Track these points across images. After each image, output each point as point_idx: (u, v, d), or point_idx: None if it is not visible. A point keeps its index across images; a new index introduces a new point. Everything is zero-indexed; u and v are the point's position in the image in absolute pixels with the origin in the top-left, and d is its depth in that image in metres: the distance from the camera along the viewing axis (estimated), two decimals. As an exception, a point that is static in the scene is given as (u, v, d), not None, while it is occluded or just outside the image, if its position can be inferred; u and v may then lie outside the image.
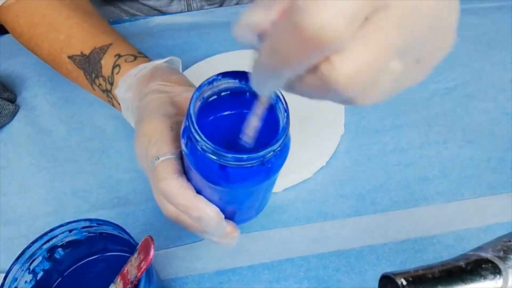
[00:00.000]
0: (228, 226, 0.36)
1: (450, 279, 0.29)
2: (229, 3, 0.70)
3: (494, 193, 0.49)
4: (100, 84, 0.46)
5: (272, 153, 0.30)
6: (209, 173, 0.31)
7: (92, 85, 0.47)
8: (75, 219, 0.39)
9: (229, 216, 0.36)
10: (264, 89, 0.25)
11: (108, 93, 0.46)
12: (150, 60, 0.46)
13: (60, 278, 0.43)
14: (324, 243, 0.46)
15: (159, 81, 0.41)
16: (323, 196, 0.50)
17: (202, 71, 0.60)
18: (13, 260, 0.38)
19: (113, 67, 0.45)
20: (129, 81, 0.43)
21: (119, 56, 0.46)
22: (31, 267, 0.39)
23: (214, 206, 0.34)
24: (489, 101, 0.56)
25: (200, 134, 0.29)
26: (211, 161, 0.30)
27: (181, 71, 0.45)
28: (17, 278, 0.38)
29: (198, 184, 0.34)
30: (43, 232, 0.39)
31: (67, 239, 0.40)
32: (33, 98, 0.59)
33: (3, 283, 0.36)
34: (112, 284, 0.37)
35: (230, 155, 0.29)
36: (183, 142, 0.32)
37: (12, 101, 0.58)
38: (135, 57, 0.45)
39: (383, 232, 0.47)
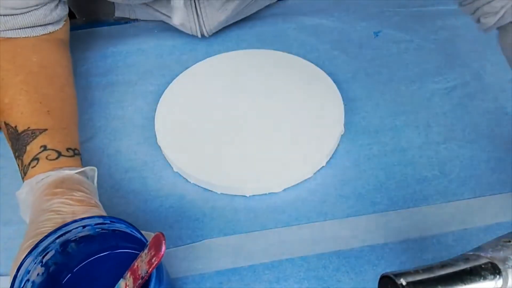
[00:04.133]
0: None
1: (450, 279, 0.29)
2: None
3: (494, 193, 0.49)
4: (18, 165, 0.46)
5: None
6: None
7: (15, 159, 0.47)
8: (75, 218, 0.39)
9: None
10: None
11: (22, 179, 0.45)
12: (78, 158, 0.46)
13: (71, 272, 0.43)
14: (324, 243, 0.46)
15: (62, 198, 0.40)
16: (323, 196, 0.50)
17: (202, 71, 0.60)
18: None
19: (33, 159, 0.44)
20: (32, 186, 0.42)
21: (44, 148, 0.45)
22: (44, 260, 0.39)
23: None
24: (489, 101, 0.56)
25: None
26: None
27: (95, 182, 0.45)
28: (29, 271, 0.38)
29: None
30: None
31: (80, 234, 0.40)
32: (33, 98, 0.59)
33: (15, 275, 0.36)
34: (121, 279, 0.37)
35: None
36: None
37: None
38: (59, 155, 0.45)
39: (383, 232, 0.47)
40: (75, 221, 0.39)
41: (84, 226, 0.39)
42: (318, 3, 0.68)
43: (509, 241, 0.31)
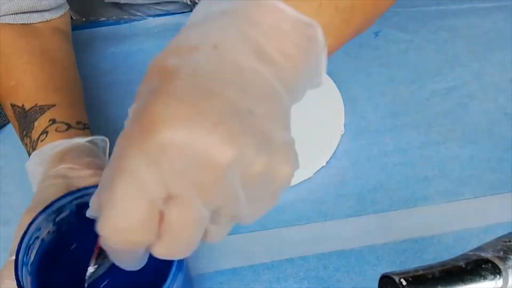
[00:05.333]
0: None
1: (450, 279, 0.29)
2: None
3: (494, 193, 0.49)
4: (26, 144, 0.45)
5: None
6: None
7: (22, 141, 0.46)
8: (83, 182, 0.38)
9: None
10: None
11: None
12: (88, 131, 0.45)
13: (84, 236, 0.38)
14: (324, 243, 0.46)
15: (68, 163, 0.39)
16: (323, 196, 0.50)
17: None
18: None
19: (41, 133, 0.43)
20: (42, 157, 0.41)
21: (53, 121, 0.44)
22: (57, 219, 0.37)
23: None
24: (489, 101, 0.56)
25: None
26: None
27: (106, 151, 0.44)
28: (40, 228, 0.35)
29: None
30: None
31: None
32: (33, 98, 0.59)
33: (26, 231, 0.34)
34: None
35: None
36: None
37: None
38: (69, 127, 0.44)
39: (383, 232, 0.47)
40: (96, 186, 0.36)
41: None
42: (318, 3, 0.68)
43: (509, 241, 0.31)
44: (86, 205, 0.36)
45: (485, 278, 0.29)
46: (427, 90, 0.57)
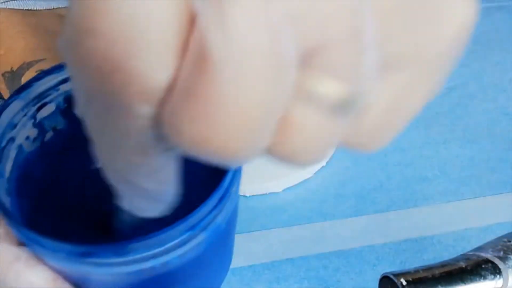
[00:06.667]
0: None
1: (450, 279, 0.29)
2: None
3: (494, 193, 0.49)
4: None
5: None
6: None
7: None
8: None
9: None
10: None
11: None
12: None
13: (79, 149, 0.26)
14: (324, 243, 0.46)
15: None
16: (323, 196, 0.50)
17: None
18: None
19: None
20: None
21: (41, 71, 0.40)
22: (38, 118, 0.26)
23: (47, 271, 0.22)
24: (489, 101, 0.56)
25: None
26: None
27: None
28: (15, 125, 0.24)
29: None
30: None
31: None
32: (33, 98, 0.59)
33: None
34: None
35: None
36: None
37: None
38: None
39: (383, 232, 0.47)
40: None
41: None
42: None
43: (509, 241, 0.31)
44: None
45: (485, 278, 0.29)
46: (427, 90, 0.57)
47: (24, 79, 0.39)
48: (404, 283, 0.28)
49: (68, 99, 0.26)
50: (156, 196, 0.16)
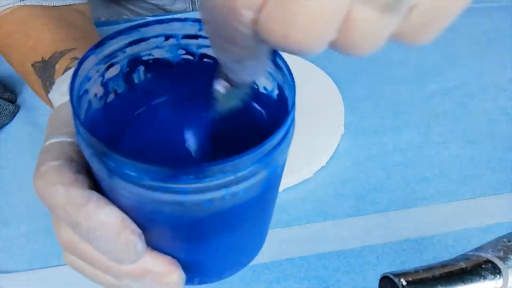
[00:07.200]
0: (159, 258, 0.26)
1: (450, 279, 0.29)
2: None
3: (494, 193, 0.49)
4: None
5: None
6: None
7: (46, 95, 0.40)
8: None
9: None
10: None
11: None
12: None
13: (132, 115, 0.30)
14: (324, 243, 0.46)
15: None
16: (323, 196, 0.50)
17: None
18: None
19: (65, 70, 0.38)
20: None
21: (75, 58, 0.40)
22: (105, 77, 0.27)
23: (116, 211, 0.24)
24: (489, 101, 0.56)
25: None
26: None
27: None
28: (90, 78, 0.26)
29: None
30: None
31: (156, 54, 0.28)
32: (33, 99, 0.59)
33: (76, 71, 0.25)
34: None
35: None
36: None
37: (13, 101, 0.58)
38: None
39: (383, 232, 0.47)
40: (157, 21, 0.26)
41: (167, 38, 0.27)
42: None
43: (509, 241, 0.31)
44: (138, 64, 0.28)
45: (485, 278, 0.29)
46: (427, 90, 0.57)
47: (58, 66, 0.40)
48: (404, 283, 0.28)
49: (131, 64, 0.28)
50: (253, 68, 0.21)
